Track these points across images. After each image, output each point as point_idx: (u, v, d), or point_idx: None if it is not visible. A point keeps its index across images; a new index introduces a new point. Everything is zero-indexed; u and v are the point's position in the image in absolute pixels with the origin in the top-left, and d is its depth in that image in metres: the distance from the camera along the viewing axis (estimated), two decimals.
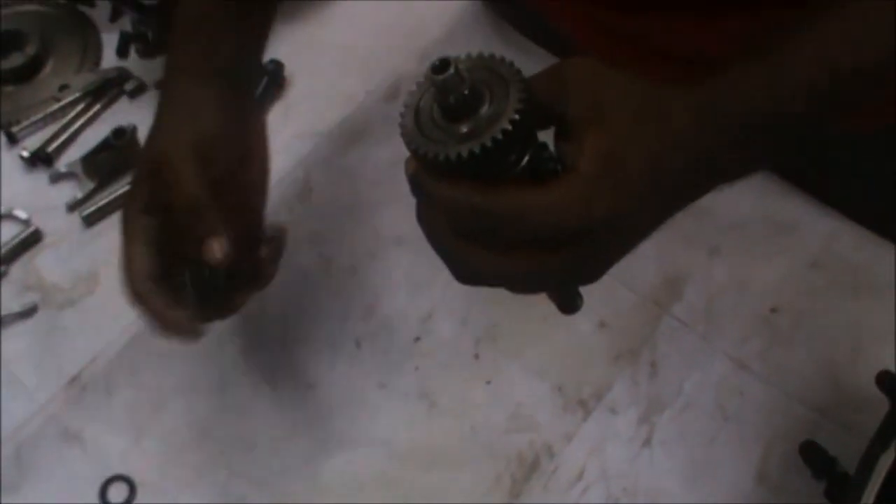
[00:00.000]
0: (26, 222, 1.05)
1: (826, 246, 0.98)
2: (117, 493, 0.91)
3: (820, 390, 0.90)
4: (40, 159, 1.10)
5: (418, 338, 0.97)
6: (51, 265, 1.04)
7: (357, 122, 1.10)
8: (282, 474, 0.92)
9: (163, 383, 0.96)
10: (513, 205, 0.56)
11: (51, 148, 1.11)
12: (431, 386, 0.95)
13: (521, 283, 0.61)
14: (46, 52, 1.19)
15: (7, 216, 1.06)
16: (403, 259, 1.02)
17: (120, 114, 1.14)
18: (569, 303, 0.66)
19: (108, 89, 1.15)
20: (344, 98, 1.14)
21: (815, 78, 0.60)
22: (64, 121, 1.13)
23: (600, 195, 0.55)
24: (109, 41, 1.20)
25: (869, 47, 0.61)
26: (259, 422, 0.94)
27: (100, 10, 1.23)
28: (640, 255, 0.62)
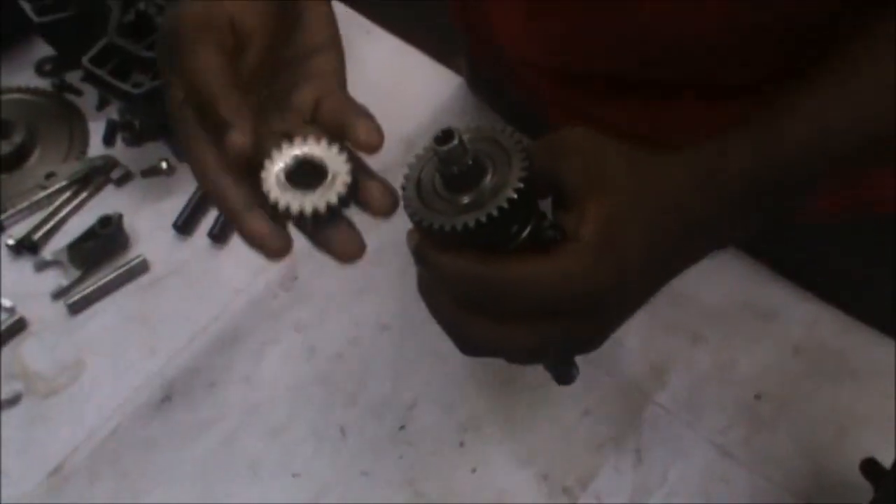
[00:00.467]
0: (11, 310, 1.05)
1: (808, 332, 0.99)
2: None
3: (804, 477, 0.90)
4: (25, 247, 1.10)
5: (403, 426, 0.97)
6: (35, 353, 1.03)
7: None
8: None
9: (145, 472, 0.95)
10: (518, 274, 0.56)
11: (36, 236, 1.11)
12: (416, 474, 0.94)
13: (524, 353, 0.61)
14: (33, 141, 1.20)
15: None
16: (388, 346, 1.02)
17: (106, 202, 1.14)
18: (565, 374, 0.67)
19: (95, 177, 1.16)
20: None
21: (814, 146, 0.62)
22: (50, 209, 1.13)
23: (604, 263, 0.56)
24: (96, 129, 1.21)
25: (868, 117, 0.62)
26: None
27: (87, 99, 1.24)
28: (625, 343, 0.62)
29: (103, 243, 1.09)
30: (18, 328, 1.05)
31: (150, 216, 1.13)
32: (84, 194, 1.15)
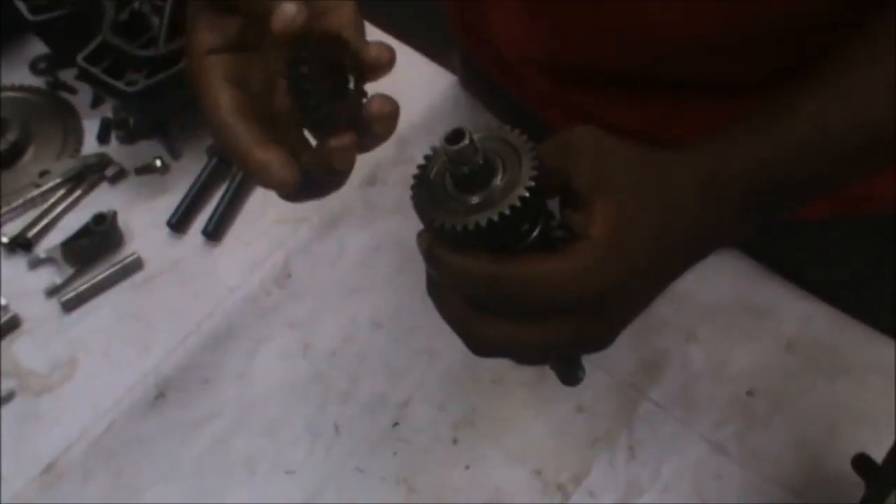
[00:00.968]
0: (4, 308, 1.05)
1: (801, 329, 0.99)
2: None
3: (796, 473, 0.91)
4: (19, 245, 1.10)
5: (397, 423, 0.97)
6: (28, 351, 1.03)
7: (336, 208, 1.11)
8: None
9: (140, 470, 0.95)
10: (531, 274, 0.56)
11: (30, 234, 1.10)
12: (410, 471, 0.94)
13: (536, 352, 0.61)
14: (28, 139, 1.20)
15: None
16: (382, 343, 1.02)
17: (100, 199, 1.15)
18: (572, 374, 0.67)
19: (89, 175, 1.16)
20: None
21: (814, 146, 0.62)
22: (44, 206, 1.13)
23: (614, 262, 0.56)
24: (90, 127, 1.21)
25: (868, 117, 0.63)
26: None
27: (81, 97, 1.24)
28: (619, 340, 0.62)
29: (97, 241, 1.08)
30: (12, 326, 1.04)
31: (145, 214, 1.13)
32: (78, 192, 1.15)
